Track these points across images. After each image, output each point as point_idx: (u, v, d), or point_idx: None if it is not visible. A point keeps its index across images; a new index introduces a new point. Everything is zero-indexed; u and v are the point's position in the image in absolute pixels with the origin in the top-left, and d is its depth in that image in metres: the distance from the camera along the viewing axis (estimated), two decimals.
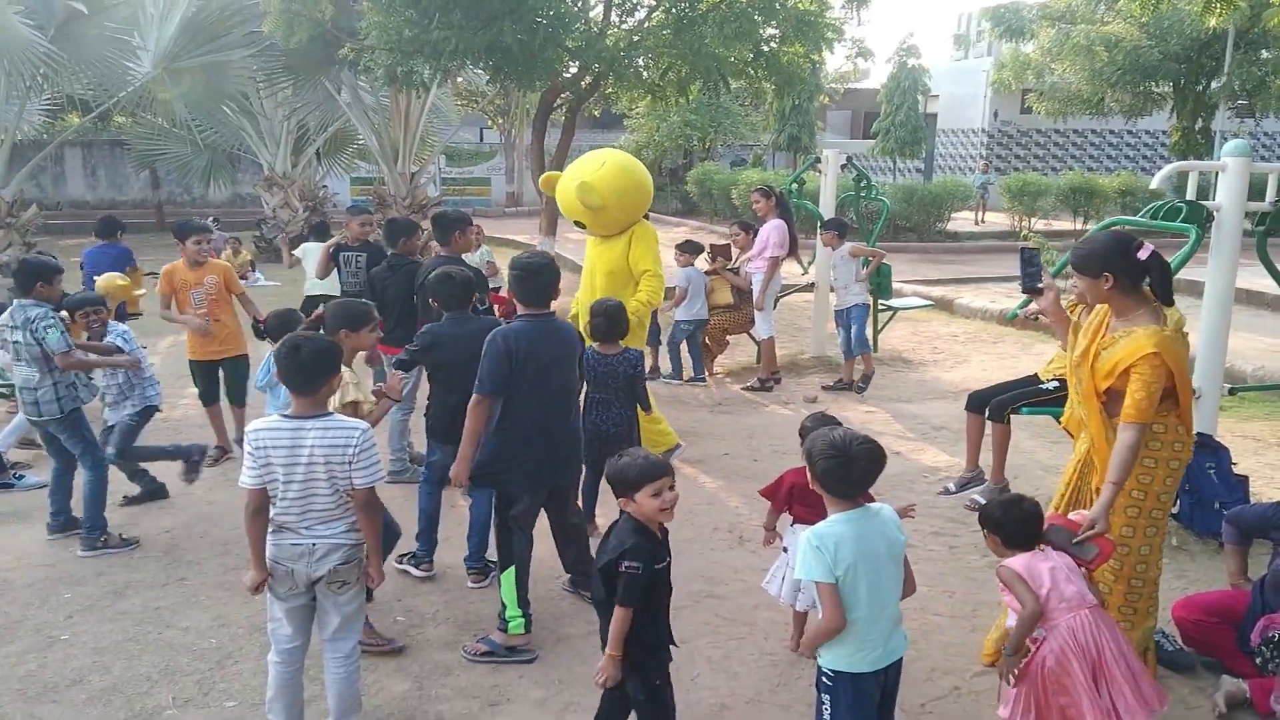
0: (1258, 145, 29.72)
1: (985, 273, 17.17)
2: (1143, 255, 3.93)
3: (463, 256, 8.78)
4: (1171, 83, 22.34)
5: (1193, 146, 21.98)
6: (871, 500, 3.43)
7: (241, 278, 16.16)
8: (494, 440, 4.69)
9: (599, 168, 6.85)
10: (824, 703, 3.33)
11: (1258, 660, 4.17)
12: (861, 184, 11.04)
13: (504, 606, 4.69)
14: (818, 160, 11.10)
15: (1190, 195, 5.61)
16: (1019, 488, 6.39)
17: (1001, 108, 30.31)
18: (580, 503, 5.49)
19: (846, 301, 9.31)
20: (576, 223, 7.05)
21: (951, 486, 6.15)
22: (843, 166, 10.86)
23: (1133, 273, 3.96)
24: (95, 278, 8.81)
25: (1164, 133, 26.77)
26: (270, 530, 3.75)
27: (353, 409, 4.46)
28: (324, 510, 3.71)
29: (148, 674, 4.53)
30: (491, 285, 9.90)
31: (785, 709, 4.27)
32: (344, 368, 4.51)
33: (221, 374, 7.59)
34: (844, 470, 3.20)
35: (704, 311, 9.55)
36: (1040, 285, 4.40)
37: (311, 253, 11.49)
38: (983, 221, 24.29)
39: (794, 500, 4.48)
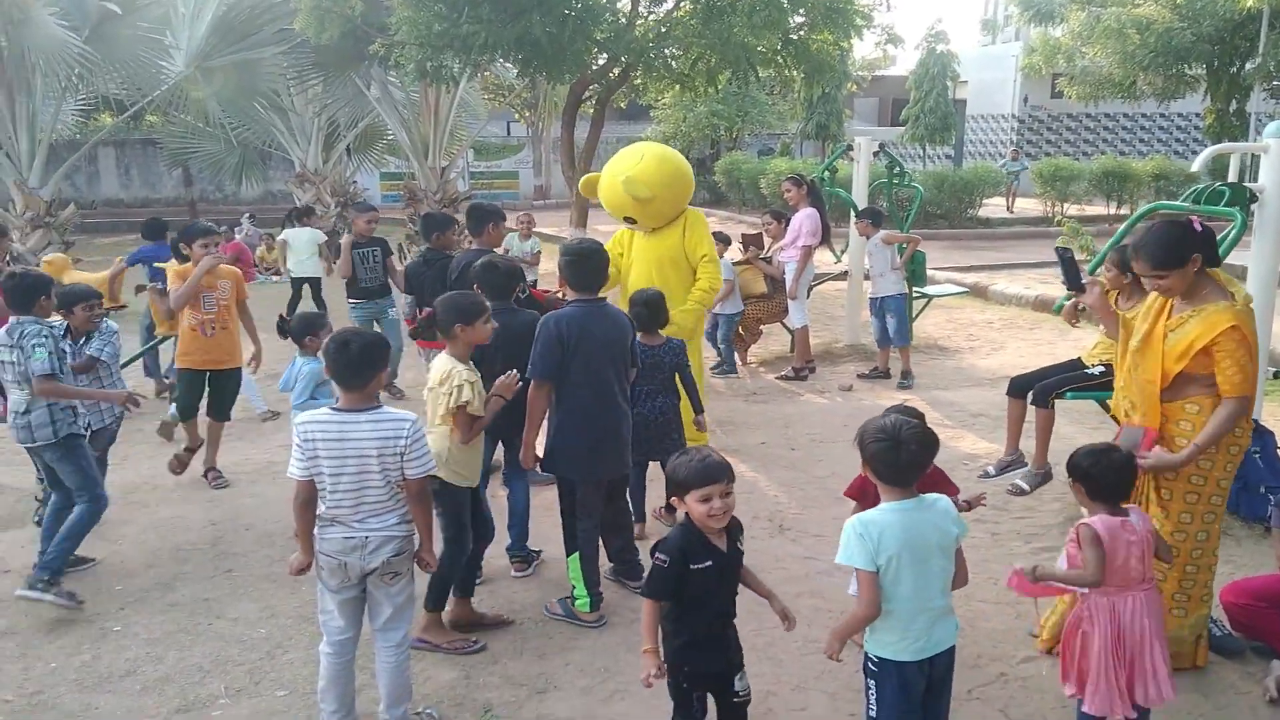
0: None
1: (1019, 259, 17.06)
2: (1199, 228, 3.98)
3: (513, 246, 8.81)
4: (1205, 65, 22.02)
5: (1227, 129, 21.66)
6: (939, 489, 3.44)
7: (275, 273, 16.44)
8: (549, 426, 4.80)
9: (639, 161, 6.85)
10: (870, 688, 3.34)
11: None
12: (894, 171, 10.98)
13: (573, 587, 4.89)
14: (850, 148, 11.06)
15: (1232, 178, 5.56)
16: (1060, 474, 6.35)
17: (1031, 93, 30.02)
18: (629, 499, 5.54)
19: (882, 290, 9.24)
20: (626, 219, 7.02)
21: (991, 470, 6.12)
22: (875, 154, 10.81)
23: (1203, 247, 3.98)
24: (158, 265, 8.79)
25: (1197, 115, 26.42)
26: (321, 524, 3.79)
27: (465, 413, 4.39)
28: (376, 502, 3.74)
29: (199, 664, 4.60)
30: (530, 278, 9.96)
31: (831, 696, 4.28)
32: (461, 366, 4.43)
33: (210, 385, 6.92)
34: (893, 454, 3.18)
35: (740, 302, 9.56)
36: (1084, 281, 4.40)
37: (293, 237, 11.91)
38: (1012, 210, 23.89)
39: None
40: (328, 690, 3.89)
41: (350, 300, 8.85)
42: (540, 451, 5.02)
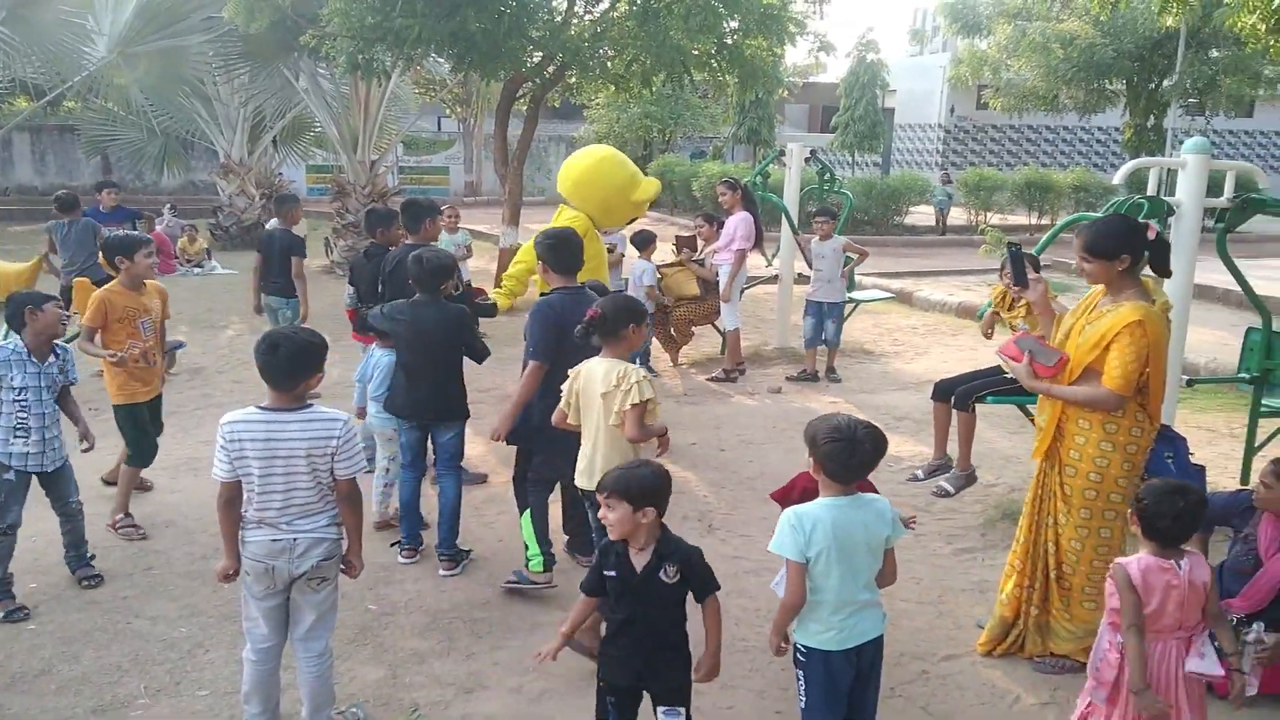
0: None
1: (943, 266, 17.40)
2: (1152, 236, 4.12)
3: (442, 240, 8.88)
4: (1125, 80, 22.69)
5: (1145, 143, 22.33)
6: (869, 489, 3.52)
7: (197, 265, 16.07)
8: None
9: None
10: (799, 678, 3.42)
11: (1217, 645, 4.28)
12: (825, 177, 11.12)
13: (526, 547, 5.01)
14: (782, 153, 11.18)
15: (1151, 192, 5.73)
16: (981, 476, 6.51)
17: (958, 103, 30.63)
18: None
19: (829, 296, 9.48)
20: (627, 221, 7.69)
21: (920, 474, 6.23)
22: (807, 160, 10.94)
23: (1141, 253, 4.12)
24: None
25: (1117, 129, 27.18)
26: (246, 526, 3.69)
27: (640, 410, 4.23)
28: (305, 504, 3.66)
29: (118, 663, 4.49)
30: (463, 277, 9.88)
31: (759, 694, 4.33)
32: (632, 365, 4.37)
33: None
34: (848, 453, 3.26)
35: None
36: (1029, 279, 4.50)
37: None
38: (944, 233, 22.26)
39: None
40: (252, 694, 3.81)
41: (294, 297, 8.72)
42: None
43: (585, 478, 4.41)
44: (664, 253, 9.96)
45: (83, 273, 9.21)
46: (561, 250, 5.12)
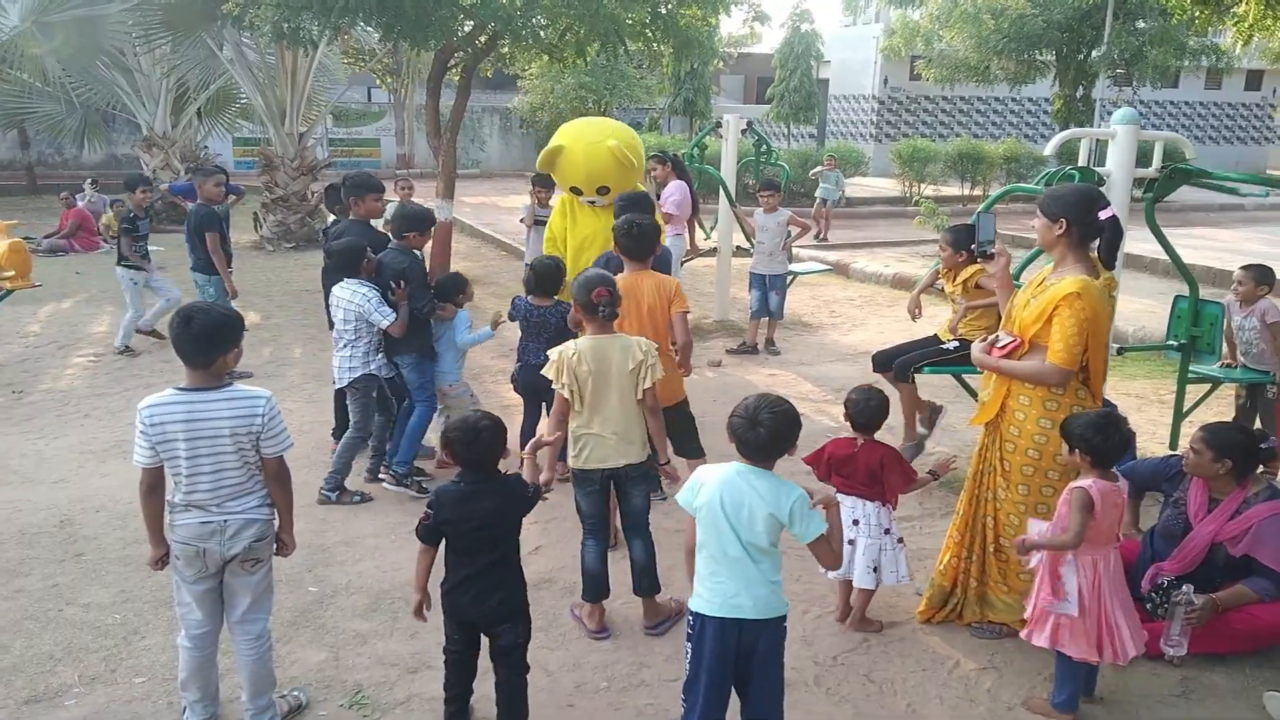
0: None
1: (879, 237, 17.54)
2: (1103, 215, 4.10)
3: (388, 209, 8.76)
4: (1054, 51, 23.00)
5: (1074, 114, 22.69)
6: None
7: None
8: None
9: (614, 129, 6.98)
10: (686, 649, 3.37)
11: (1148, 606, 4.39)
12: (761, 149, 11.13)
13: None
14: (718, 125, 11.16)
15: (1081, 162, 5.81)
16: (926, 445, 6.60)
17: (891, 74, 30.81)
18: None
19: (773, 268, 9.50)
20: (599, 189, 6.87)
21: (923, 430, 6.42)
22: (743, 131, 10.93)
23: (1086, 228, 4.11)
24: None
25: (1047, 100, 27.54)
26: (174, 510, 3.58)
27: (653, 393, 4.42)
28: (235, 485, 3.56)
29: (50, 652, 4.37)
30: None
31: None
32: (643, 339, 4.49)
33: None
34: (746, 430, 3.28)
35: None
36: (993, 250, 4.50)
37: None
38: (825, 239, 17.11)
39: (832, 470, 4.58)
40: (189, 681, 3.73)
41: (213, 274, 8.53)
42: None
43: (618, 455, 4.45)
44: None
45: None
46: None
